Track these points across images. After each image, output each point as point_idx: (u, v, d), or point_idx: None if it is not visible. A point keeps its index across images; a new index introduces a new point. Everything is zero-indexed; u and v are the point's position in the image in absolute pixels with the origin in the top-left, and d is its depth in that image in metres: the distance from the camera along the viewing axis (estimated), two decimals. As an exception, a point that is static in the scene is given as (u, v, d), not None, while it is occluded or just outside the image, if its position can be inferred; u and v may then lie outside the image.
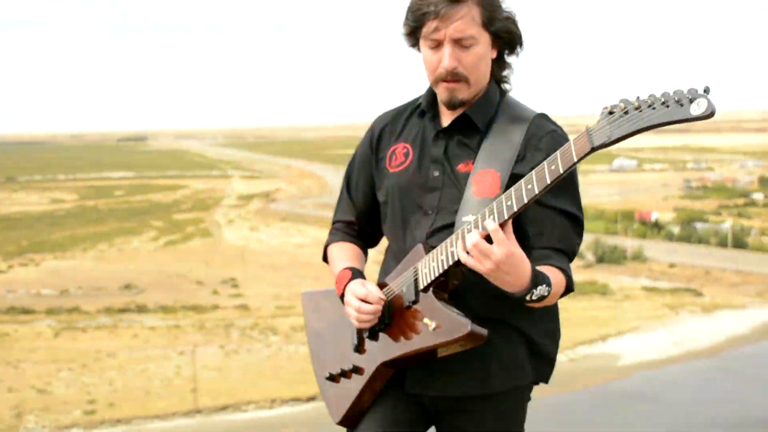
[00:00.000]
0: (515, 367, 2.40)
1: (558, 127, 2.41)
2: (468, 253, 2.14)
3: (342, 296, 2.46)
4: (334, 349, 2.57)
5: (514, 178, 2.29)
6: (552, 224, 2.32)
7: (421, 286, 2.32)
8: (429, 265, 2.30)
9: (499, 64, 2.45)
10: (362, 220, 2.63)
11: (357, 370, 2.47)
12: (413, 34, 2.38)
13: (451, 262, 2.24)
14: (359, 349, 2.47)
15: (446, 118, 2.45)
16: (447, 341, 2.25)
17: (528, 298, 2.16)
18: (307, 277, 71.64)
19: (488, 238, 2.13)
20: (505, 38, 2.38)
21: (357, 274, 2.47)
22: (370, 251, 2.75)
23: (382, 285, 2.46)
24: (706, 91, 1.86)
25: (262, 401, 42.83)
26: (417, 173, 2.44)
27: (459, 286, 2.33)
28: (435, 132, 2.44)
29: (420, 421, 2.47)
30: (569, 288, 2.32)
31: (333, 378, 2.53)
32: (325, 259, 2.67)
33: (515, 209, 2.10)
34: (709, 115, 1.84)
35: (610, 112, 1.95)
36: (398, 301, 2.38)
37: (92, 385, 45.89)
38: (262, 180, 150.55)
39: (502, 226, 2.12)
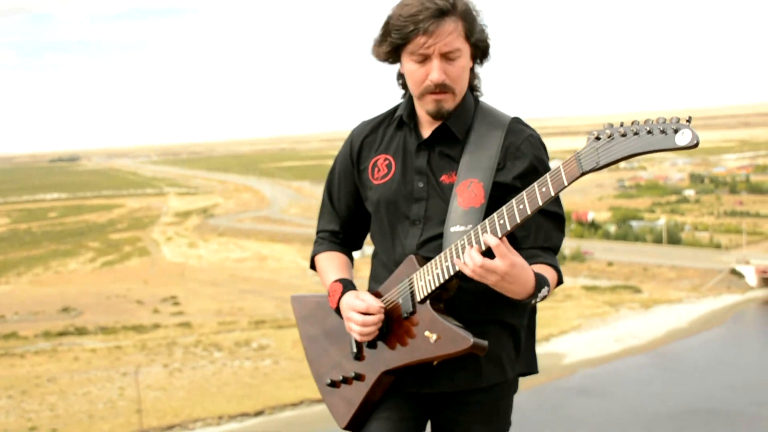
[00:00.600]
0: (505, 361, 2.49)
1: (532, 130, 2.49)
2: (473, 271, 2.19)
3: (337, 310, 2.52)
4: (331, 355, 2.63)
5: (496, 187, 2.37)
6: (537, 225, 2.40)
7: (418, 298, 2.37)
8: (425, 278, 2.35)
9: (472, 74, 2.50)
10: (346, 228, 2.70)
11: (358, 377, 2.53)
12: (395, 51, 2.41)
13: (447, 277, 2.30)
14: (359, 356, 2.53)
15: (426, 130, 2.50)
16: (449, 353, 2.30)
17: (533, 302, 2.25)
18: (248, 291, 71.29)
19: (487, 252, 2.19)
20: (482, 48, 2.44)
21: (348, 285, 2.53)
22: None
23: (375, 294, 2.50)
24: (689, 121, 1.91)
25: (209, 418, 42.40)
26: (402, 184, 2.49)
27: (453, 295, 2.39)
28: (417, 144, 2.50)
29: (420, 416, 2.56)
30: (560, 281, 2.41)
31: (334, 384, 2.60)
32: (313, 267, 2.74)
33: (508, 228, 2.16)
34: (695, 145, 1.88)
35: (597, 138, 2.00)
36: (395, 311, 2.43)
37: (33, 412, 44.93)
38: (199, 196, 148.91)
39: None
